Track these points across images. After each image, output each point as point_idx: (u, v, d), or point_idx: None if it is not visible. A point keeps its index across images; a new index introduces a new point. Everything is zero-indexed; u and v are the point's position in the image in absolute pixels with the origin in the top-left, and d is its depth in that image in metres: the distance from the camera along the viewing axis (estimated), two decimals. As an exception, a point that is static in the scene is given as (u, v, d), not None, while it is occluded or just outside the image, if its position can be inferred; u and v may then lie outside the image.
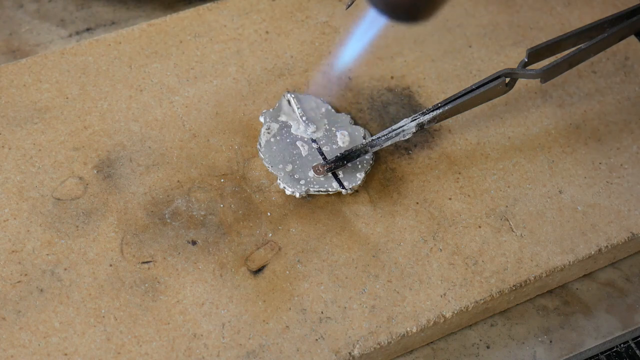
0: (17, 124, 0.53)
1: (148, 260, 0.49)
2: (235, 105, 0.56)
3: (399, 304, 0.49)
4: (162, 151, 0.53)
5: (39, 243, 0.49)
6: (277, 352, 0.46)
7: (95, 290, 0.48)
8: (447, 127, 0.56)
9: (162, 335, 0.46)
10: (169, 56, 0.57)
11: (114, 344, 0.46)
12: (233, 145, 0.54)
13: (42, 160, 0.52)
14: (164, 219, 0.50)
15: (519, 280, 0.50)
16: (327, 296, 0.48)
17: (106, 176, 0.52)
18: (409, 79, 0.58)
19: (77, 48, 0.57)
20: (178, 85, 0.56)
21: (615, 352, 0.52)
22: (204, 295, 0.48)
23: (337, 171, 0.52)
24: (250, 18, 0.60)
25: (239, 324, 0.47)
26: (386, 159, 0.54)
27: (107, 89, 0.55)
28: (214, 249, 0.49)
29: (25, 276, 0.48)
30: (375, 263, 0.50)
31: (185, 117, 0.55)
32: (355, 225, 0.51)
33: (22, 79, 0.55)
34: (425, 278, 0.50)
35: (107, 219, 0.50)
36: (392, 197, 0.53)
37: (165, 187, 0.52)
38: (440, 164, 0.54)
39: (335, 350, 0.47)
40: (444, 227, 0.52)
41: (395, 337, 0.48)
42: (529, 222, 0.52)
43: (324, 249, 0.50)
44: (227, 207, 0.51)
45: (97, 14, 0.64)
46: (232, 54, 0.58)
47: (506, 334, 0.51)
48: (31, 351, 0.45)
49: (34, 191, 0.51)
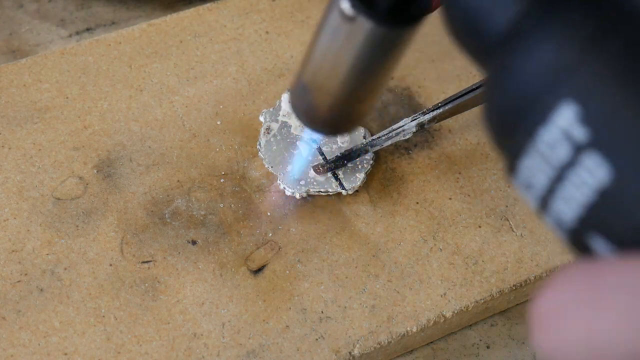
0: (17, 123, 0.53)
1: (148, 260, 0.49)
2: (235, 105, 0.56)
3: (399, 303, 0.49)
4: (162, 151, 0.53)
5: (39, 243, 0.49)
6: (277, 351, 0.46)
7: (95, 290, 0.48)
8: (447, 127, 0.56)
9: (162, 334, 0.46)
10: (169, 56, 0.57)
11: (114, 343, 0.46)
12: (233, 145, 0.54)
13: (42, 160, 0.52)
14: (164, 218, 0.50)
15: (519, 280, 0.50)
16: (327, 296, 0.48)
17: (106, 176, 0.52)
18: (409, 79, 0.58)
19: (77, 48, 0.57)
20: (178, 85, 0.56)
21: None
22: (204, 295, 0.48)
23: (337, 171, 0.52)
24: (250, 18, 0.60)
25: (239, 324, 0.47)
26: (386, 159, 0.54)
27: (107, 89, 0.55)
28: (214, 248, 0.49)
29: (25, 276, 0.48)
30: (375, 263, 0.50)
31: (185, 117, 0.55)
32: (355, 225, 0.51)
33: (22, 79, 0.55)
34: (425, 278, 0.50)
35: (107, 218, 0.50)
36: (392, 197, 0.53)
37: (165, 186, 0.52)
38: (440, 164, 0.54)
39: (336, 349, 0.47)
40: (444, 227, 0.52)
41: (396, 336, 0.48)
42: (529, 222, 0.52)
43: (324, 249, 0.50)
44: (227, 207, 0.51)
45: (97, 14, 0.64)
46: (232, 54, 0.58)
47: (506, 334, 0.51)
48: (31, 351, 0.45)
49: (34, 191, 0.51)
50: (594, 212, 0.21)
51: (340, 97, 0.37)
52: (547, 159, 0.22)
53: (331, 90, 0.37)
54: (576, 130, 0.21)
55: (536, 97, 0.22)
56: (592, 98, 0.21)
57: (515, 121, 0.23)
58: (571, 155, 0.21)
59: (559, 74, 0.22)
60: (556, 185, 0.22)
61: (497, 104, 0.24)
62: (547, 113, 0.22)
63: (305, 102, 0.39)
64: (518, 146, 0.23)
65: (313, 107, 0.39)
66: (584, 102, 0.21)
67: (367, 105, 0.39)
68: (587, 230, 0.22)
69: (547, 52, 0.22)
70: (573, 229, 0.22)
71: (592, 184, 0.21)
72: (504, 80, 0.24)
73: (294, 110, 0.40)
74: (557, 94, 0.22)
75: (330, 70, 0.36)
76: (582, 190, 0.21)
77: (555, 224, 0.23)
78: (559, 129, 0.21)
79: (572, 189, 0.22)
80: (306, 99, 0.39)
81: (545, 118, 0.22)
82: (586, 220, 0.22)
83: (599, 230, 0.22)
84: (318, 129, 0.41)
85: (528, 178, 0.23)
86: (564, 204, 0.22)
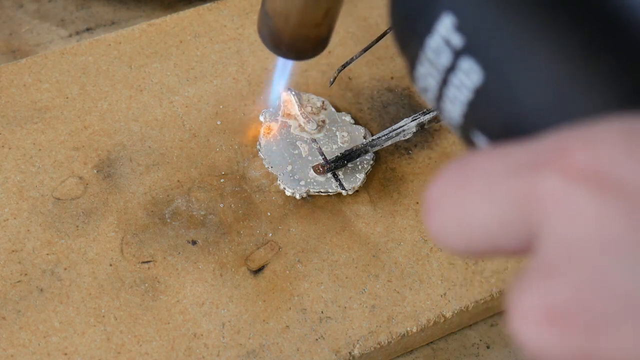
0: (17, 124, 0.53)
1: (148, 260, 0.49)
2: (235, 105, 0.56)
3: (399, 303, 0.49)
4: (162, 151, 0.53)
5: (39, 243, 0.49)
6: (277, 351, 0.46)
7: (95, 290, 0.47)
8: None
9: (162, 335, 0.46)
10: (169, 56, 0.57)
11: (114, 343, 0.46)
12: (233, 145, 0.54)
13: (42, 160, 0.52)
14: (164, 218, 0.50)
15: (519, 280, 0.50)
16: (327, 296, 0.48)
17: (106, 176, 0.52)
18: (409, 79, 0.58)
19: (77, 48, 0.57)
20: (178, 85, 0.56)
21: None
22: (204, 295, 0.48)
23: (337, 172, 0.52)
24: (250, 18, 0.60)
25: (239, 324, 0.47)
26: (386, 159, 0.54)
27: (107, 89, 0.55)
28: (214, 248, 0.49)
29: (25, 276, 0.48)
30: (375, 263, 0.50)
31: (185, 117, 0.55)
32: (355, 225, 0.51)
33: (22, 79, 0.55)
34: (426, 278, 0.50)
35: (107, 218, 0.50)
36: (392, 197, 0.53)
37: (165, 186, 0.52)
38: (440, 164, 0.54)
39: (336, 350, 0.47)
40: (444, 227, 0.52)
41: (396, 336, 0.48)
42: (529, 222, 0.52)
43: (324, 249, 0.50)
44: (227, 207, 0.51)
45: (97, 14, 0.64)
46: (232, 54, 0.58)
47: (506, 334, 0.51)
48: (31, 351, 0.45)
49: (34, 191, 0.51)
50: (472, 110, 0.24)
51: (298, 21, 0.41)
52: (435, 65, 0.25)
53: (288, 15, 0.41)
54: (454, 37, 0.24)
55: (423, 9, 0.25)
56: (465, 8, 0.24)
57: (409, 32, 0.26)
58: (452, 60, 0.24)
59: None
60: (443, 88, 0.25)
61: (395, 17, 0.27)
62: (431, 23, 0.25)
63: (269, 28, 0.43)
64: (413, 55, 0.26)
65: (276, 33, 0.43)
66: (458, 12, 0.24)
67: (325, 29, 0.43)
68: (470, 127, 0.25)
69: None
70: (460, 126, 0.25)
71: (469, 84, 0.24)
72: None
73: (261, 38, 0.44)
74: (438, 6, 0.24)
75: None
76: (462, 90, 0.24)
77: (448, 122, 0.26)
78: (440, 37, 0.24)
79: (454, 90, 0.24)
80: (269, 25, 0.43)
81: (430, 28, 0.25)
82: (468, 118, 0.25)
83: (477, 126, 0.24)
84: (283, 54, 0.44)
85: (423, 83, 0.26)
86: (450, 103, 0.25)
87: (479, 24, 0.24)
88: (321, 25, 0.42)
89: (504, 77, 0.23)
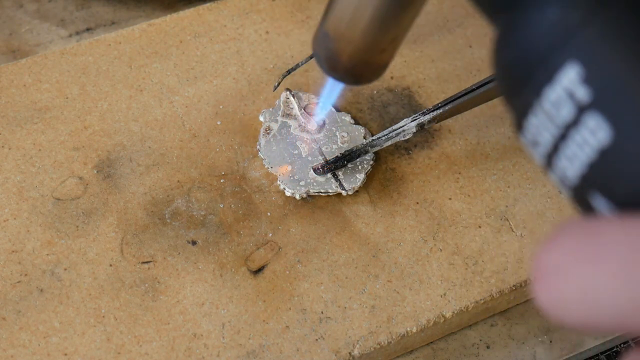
0: (17, 124, 0.53)
1: (148, 260, 0.49)
2: (235, 105, 0.56)
3: (399, 304, 0.49)
4: (162, 151, 0.53)
5: (39, 243, 0.49)
6: (277, 352, 0.46)
7: (95, 290, 0.48)
8: (447, 127, 0.56)
9: (162, 335, 0.46)
10: (169, 56, 0.57)
11: (114, 344, 0.46)
12: (233, 145, 0.54)
13: (42, 160, 0.52)
14: (164, 219, 0.50)
15: (519, 280, 0.50)
16: (327, 296, 0.48)
17: (106, 176, 0.52)
18: (409, 79, 0.58)
19: (77, 48, 0.57)
20: (178, 85, 0.56)
21: (615, 352, 0.52)
22: (204, 295, 0.48)
23: (337, 172, 0.52)
24: (250, 18, 0.60)
25: (239, 324, 0.47)
26: (386, 159, 0.54)
27: (107, 89, 0.55)
28: (214, 249, 0.49)
29: (25, 276, 0.48)
30: (375, 263, 0.50)
31: (185, 117, 0.55)
32: (355, 225, 0.51)
33: (22, 79, 0.55)
34: (425, 278, 0.50)
35: (107, 219, 0.50)
36: (392, 197, 0.53)
37: (165, 187, 0.52)
38: (440, 164, 0.54)
39: (335, 350, 0.47)
40: (444, 227, 0.52)
41: (395, 337, 0.48)
42: (529, 222, 0.52)
43: (324, 249, 0.50)
44: (227, 207, 0.51)
45: (97, 14, 0.64)
46: (232, 54, 0.58)
47: (506, 334, 0.51)
48: (31, 351, 0.45)
49: (34, 191, 0.51)
50: (595, 172, 0.22)
51: (361, 46, 0.38)
52: (552, 118, 0.23)
53: (352, 38, 0.37)
54: (579, 90, 0.22)
55: (543, 56, 0.23)
56: (595, 59, 0.22)
57: (523, 79, 0.23)
58: (575, 115, 0.22)
59: (565, 34, 0.22)
60: (560, 144, 0.23)
61: (505, 62, 0.25)
62: (553, 73, 0.22)
63: (327, 50, 0.39)
64: (525, 104, 0.23)
65: (334, 55, 0.39)
66: (586, 62, 0.22)
67: (388, 55, 0.39)
68: (589, 189, 0.22)
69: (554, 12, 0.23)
70: (576, 187, 0.23)
71: (594, 143, 0.22)
72: (513, 38, 0.24)
73: (316, 58, 0.41)
74: (562, 54, 0.22)
75: (352, 19, 0.37)
76: (584, 149, 0.22)
77: (560, 181, 0.24)
78: (563, 88, 0.22)
79: (575, 147, 0.22)
80: (328, 47, 0.39)
81: (551, 78, 0.22)
82: (588, 179, 0.22)
83: (600, 189, 0.22)
84: (339, 77, 0.41)
85: (534, 136, 0.24)
86: (567, 162, 0.23)
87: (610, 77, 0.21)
88: (385, 52, 0.39)
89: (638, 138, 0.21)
